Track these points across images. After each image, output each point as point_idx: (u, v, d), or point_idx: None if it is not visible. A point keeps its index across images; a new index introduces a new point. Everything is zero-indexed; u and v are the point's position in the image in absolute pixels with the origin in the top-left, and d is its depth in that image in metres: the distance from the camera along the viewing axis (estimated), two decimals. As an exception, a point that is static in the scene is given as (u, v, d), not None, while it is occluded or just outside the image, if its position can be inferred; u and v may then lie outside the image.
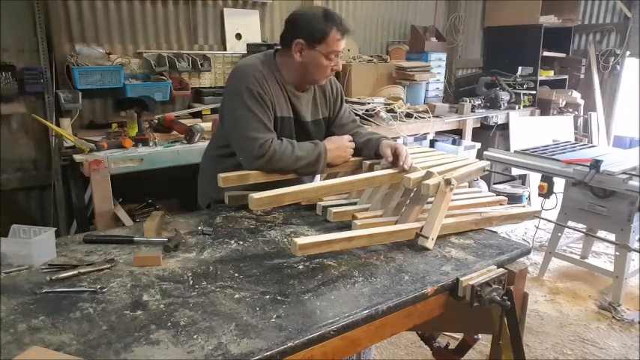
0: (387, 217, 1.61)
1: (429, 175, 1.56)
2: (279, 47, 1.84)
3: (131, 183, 2.97)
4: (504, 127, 4.77)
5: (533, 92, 5.08)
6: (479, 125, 4.61)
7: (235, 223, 1.67)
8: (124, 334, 1.03)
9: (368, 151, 1.86)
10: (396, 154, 1.70)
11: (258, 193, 1.42)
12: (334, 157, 1.78)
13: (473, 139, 4.49)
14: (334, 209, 1.62)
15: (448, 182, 1.52)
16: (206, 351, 0.98)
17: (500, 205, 1.85)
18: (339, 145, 1.80)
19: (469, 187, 2.01)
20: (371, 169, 1.77)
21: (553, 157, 3.27)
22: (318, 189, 1.59)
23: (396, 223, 1.57)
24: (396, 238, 1.50)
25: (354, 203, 1.72)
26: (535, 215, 1.88)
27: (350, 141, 1.84)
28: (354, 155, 1.86)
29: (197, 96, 3.66)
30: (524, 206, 1.94)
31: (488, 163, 2.01)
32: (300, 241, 1.30)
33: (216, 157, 1.89)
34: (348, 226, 1.56)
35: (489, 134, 4.70)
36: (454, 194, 1.79)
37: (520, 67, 5.00)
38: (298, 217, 1.74)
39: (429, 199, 1.59)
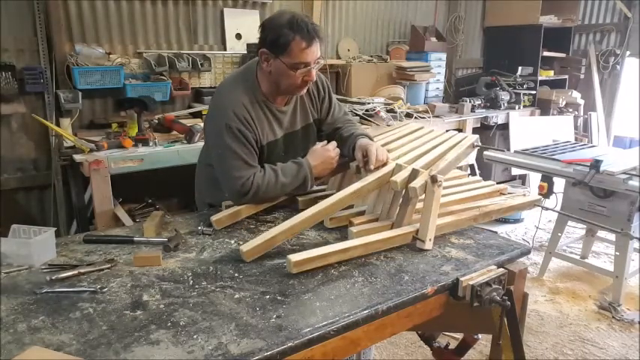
0: (383, 220, 1.60)
1: (415, 173, 1.54)
2: None
3: (131, 183, 2.97)
4: (504, 127, 4.77)
5: (533, 92, 5.09)
6: (479, 125, 4.60)
7: (235, 223, 1.67)
8: (124, 334, 1.03)
9: (346, 150, 1.83)
10: (365, 156, 1.68)
11: (247, 244, 1.39)
12: (320, 171, 1.76)
13: (473, 139, 4.48)
14: (330, 215, 1.61)
15: (434, 180, 1.49)
16: (206, 351, 0.98)
17: (502, 194, 1.82)
18: (324, 159, 1.75)
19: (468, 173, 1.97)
20: (358, 171, 1.74)
21: (553, 157, 3.26)
22: (307, 220, 1.50)
23: (392, 225, 1.56)
24: (392, 243, 1.49)
25: (352, 205, 1.70)
26: (536, 204, 1.85)
27: (334, 148, 1.79)
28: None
29: (197, 96, 3.66)
30: (524, 195, 1.90)
31: (477, 137, 1.95)
32: (294, 258, 1.29)
33: (209, 165, 1.87)
34: (347, 227, 1.56)
35: (489, 134, 4.70)
36: (452, 185, 1.76)
37: (520, 67, 5.00)
38: (298, 217, 1.73)
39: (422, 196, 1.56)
